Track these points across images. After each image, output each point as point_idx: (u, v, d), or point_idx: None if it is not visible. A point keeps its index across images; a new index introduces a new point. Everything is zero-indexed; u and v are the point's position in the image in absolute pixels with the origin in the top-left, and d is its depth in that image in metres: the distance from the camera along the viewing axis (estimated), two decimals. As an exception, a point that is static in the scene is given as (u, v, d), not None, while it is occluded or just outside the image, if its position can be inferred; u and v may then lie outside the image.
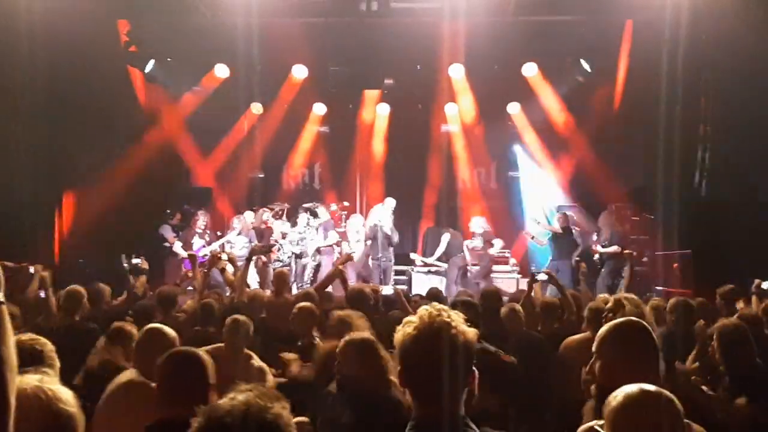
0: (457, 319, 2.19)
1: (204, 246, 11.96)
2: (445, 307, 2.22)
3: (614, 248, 10.94)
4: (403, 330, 2.20)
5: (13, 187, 11.21)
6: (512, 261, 13.08)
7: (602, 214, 11.58)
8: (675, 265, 10.88)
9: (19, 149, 11.28)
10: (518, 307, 6.01)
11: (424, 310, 2.22)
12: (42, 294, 6.65)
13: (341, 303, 6.16)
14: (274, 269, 10.05)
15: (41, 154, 11.49)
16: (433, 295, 7.01)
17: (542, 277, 7.87)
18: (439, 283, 11.83)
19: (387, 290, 9.46)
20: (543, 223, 12.87)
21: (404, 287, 11.71)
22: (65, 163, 11.89)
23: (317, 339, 5.09)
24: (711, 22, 10.24)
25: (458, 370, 2.14)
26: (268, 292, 7.68)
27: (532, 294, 7.32)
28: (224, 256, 7.70)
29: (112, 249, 10.47)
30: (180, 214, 12.30)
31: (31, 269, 6.61)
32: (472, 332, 2.20)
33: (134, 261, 6.63)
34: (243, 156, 14.87)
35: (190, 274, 11.20)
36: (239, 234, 12.37)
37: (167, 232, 11.94)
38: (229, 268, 7.70)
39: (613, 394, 2.20)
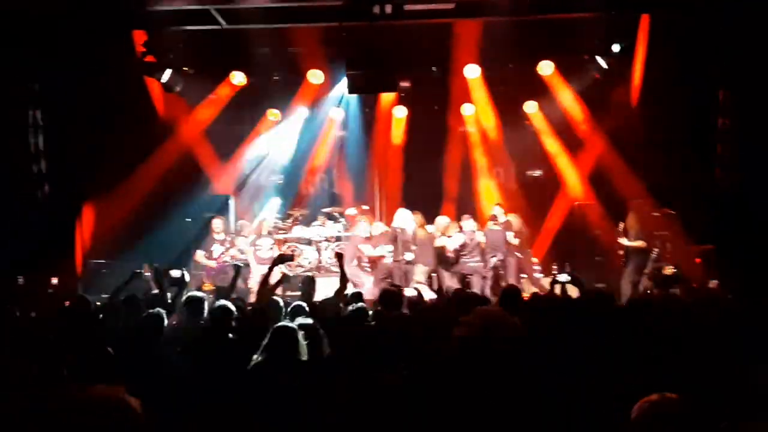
0: None
1: (224, 252, 11.99)
2: None
3: (640, 243, 10.82)
4: None
5: (34, 198, 11.36)
6: (534, 260, 13.04)
7: (629, 215, 11.34)
8: (697, 260, 10.75)
9: (39, 161, 11.43)
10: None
11: None
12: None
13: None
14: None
15: (61, 165, 11.61)
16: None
17: (564, 278, 7.83)
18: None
19: (409, 292, 9.43)
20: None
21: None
22: (85, 174, 11.98)
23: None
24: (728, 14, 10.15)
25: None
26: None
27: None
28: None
29: (133, 259, 10.51)
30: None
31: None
32: None
33: (174, 274, 6.46)
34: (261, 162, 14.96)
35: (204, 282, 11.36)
36: (263, 236, 12.52)
37: None
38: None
39: None
